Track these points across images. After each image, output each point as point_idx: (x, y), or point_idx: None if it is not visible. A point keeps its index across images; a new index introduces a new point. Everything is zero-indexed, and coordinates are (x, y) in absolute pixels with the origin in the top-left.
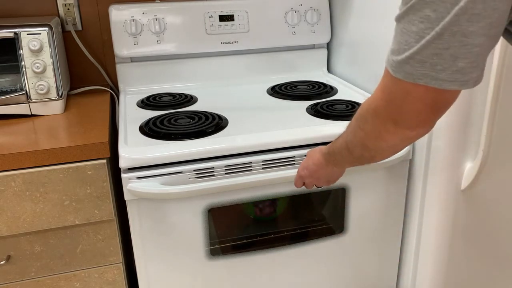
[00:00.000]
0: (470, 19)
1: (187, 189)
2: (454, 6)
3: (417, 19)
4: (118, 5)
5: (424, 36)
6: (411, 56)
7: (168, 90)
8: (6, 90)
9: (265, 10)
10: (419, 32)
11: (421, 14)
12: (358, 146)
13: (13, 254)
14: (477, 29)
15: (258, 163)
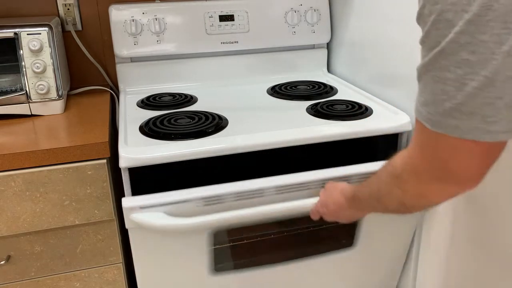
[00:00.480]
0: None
1: (194, 222)
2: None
3: (453, 64)
4: (118, 5)
5: (466, 83)
6: (455, 108)
7: (168, 90)
8: (6, 90)
9: (265, 10)
10: (459, 79)
11: (456, 58)
12: (394, 202)
13: (13, 254)
14: None
15: (270, 189)
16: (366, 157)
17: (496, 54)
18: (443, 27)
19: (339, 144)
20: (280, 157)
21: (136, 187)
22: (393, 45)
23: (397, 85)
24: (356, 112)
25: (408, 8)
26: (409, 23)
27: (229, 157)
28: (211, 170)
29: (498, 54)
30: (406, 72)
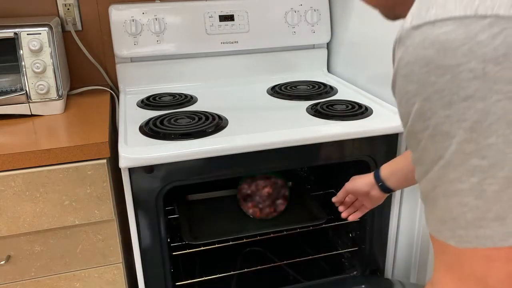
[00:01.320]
0: None
1: None
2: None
3: (463, 174)
4: (118, 5)
5: (485, 189)
6: (481, 217)
7: (168, 90)
8: (6, 90)
9: (265, 10)
10: (476, 187)
11: (466, 167)
12: None
13: (13, 254)
14: None
15: None
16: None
17: (509, 154)
18: (442, 140)
19: (339, 144)
20: (280, 157)
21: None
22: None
23: None
24: (356, 112)
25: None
26: None
27: (229, 157)
28: (211, 170)
29: (510, 153)
30: None
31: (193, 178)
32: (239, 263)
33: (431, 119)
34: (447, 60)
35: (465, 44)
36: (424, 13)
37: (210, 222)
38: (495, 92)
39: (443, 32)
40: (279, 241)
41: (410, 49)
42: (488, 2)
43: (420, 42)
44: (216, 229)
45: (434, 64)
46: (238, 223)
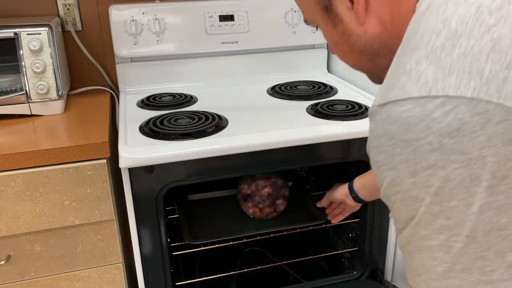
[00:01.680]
0: (497, 212)
1: None
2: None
3: (432, 232)
4: (118, 5)
5: (452, 245)
6: (450, 269)
7: (168, 90)
8: (6, 90)
9: (265, 10)
10: (444, 244)
11: (434, 226)
12: None
13: (13, 254)
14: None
15: None
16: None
17: (469, 215)
18: (412, 203)
19: (339, 144)
20: (280, 157)
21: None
22: None
23: None
24: (356, 112)
25: None
26: None
27: (229, 157)
28: (211, 170)
29: (470, 214)
30: None
31: (193, 178)
32: (239, 263)
33: (400, 185)
34: (409, 134)
35: (422, 121)
36: (387, 93)
37: (210, 222)
38: (452, 162)
39: (403, 110)
40: (279, 241)
41: (379, 124)
42: (439, 84)
43: (385, 118)
44: (216, 229)
45: (398, 138)
46: (238, 223)
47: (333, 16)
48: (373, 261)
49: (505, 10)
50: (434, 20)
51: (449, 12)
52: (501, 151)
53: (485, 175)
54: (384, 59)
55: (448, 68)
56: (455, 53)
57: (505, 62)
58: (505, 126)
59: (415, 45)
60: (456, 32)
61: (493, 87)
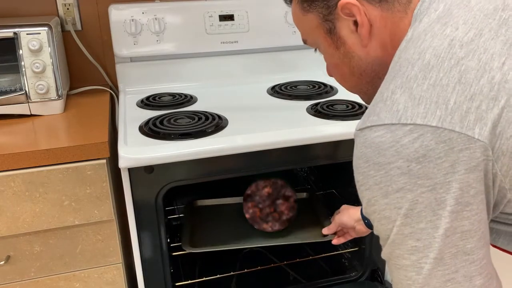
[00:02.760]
0: (463, 237)
1: None
2: (437, 230)
3: (405, 252)
4: (117, 5)
5: (422, 266)
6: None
7: (168, 90)
8: (6, 90)
9: (265, 10)
10: (415, 264)
11: (406, 247)
12: None
13: (13, 254)
14: (475, 243)
15: None
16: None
17: (436, 237)
18: (386, 223)
19: (339, 144)
20: (280, 157)
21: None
22: None
23: None
24: (357, 112)
25: None
26: None
27: (229, 157)
28: (211, 170)
29: (437, 237)
30: None
31: (193, 178)
32: (239, 263)
33: (375, 205)
34: (381, 158)
35: (392, 146)
36: (366, 119)
37: (214, 230)
38: (420, 186)
39: (377, 135)
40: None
41: (358, 147)
42: (409, 112)
43: (363, 142)
44: (218, 237)
45: (372, 161)
46: (243, 232)
47: (336, 38)
48: (373, 262)
49: (475, 44)
50: (412, 51)
51: (426, 44)
52: (463, 178)
53: (449, 200)
54: (383, 79)
55: (418, 98)
56: (426, 84)
57: (469, 94)
58: (467, 154)
59: (394, 75)
60: (428, 64)
61: (457, 117)
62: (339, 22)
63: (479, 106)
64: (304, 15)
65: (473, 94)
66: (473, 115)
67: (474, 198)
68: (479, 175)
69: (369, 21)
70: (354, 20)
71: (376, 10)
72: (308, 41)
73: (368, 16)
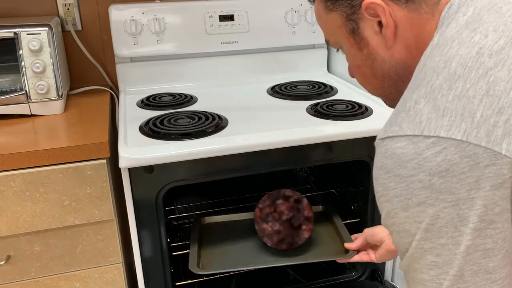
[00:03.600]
0: (485, 255)
1: None
2: (458, 246)
3: (424, 267)
4: (118, 5)
5: (441, 282)
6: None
7: (168, 90)
8: (6, 90)
9: (265, 10)
10: (434, 279)
11: (425, 261)
12: None
13: (13, 254)
14: (498, 262)
15: None
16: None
17: (457, 254)
18: (405, 236)
19: (339, 144)
20: (280, 157)
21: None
22: None
23: None
24: (356, 112)
25: None
26: None
27: (229, 157)
28: (211, 170)
29: (458, 254)
30: None
31: (193, 178)
32: None
33: (395, 217)
34: (402, 170)
35: (414, 158)
36: (388, 128)
37: (222, 249)
38: (441, 201)
39: (398, 146)
40: None
41: (378, 156)
42: (432, 124)
43: (384, 152)
44: (227, 257)
45: (393, 172)
46: (256, 251)
47: (359, 39)
48: (373, 262)
49: (505, 53)
50: (438, 58)
51: (452, 52)
52: (488, 195)
53: (472, 217)
54: (407, 83)
55: (443, 109)
56: (451, 95)
57: (497, 107)
58: (493, 170)
59: (418, 83)
60: (455, 73)
61: (483, 131)
62: (363, 22)
63: (507, 120)
64: (327, 14)
65: (502, 107)
66: (500, 130)
67: (499, 216)
68: (505, 192)
69: (394, 22)
70: (379, 20)
71: (402, 11)
72: (331, 41)
73: (394, 17)
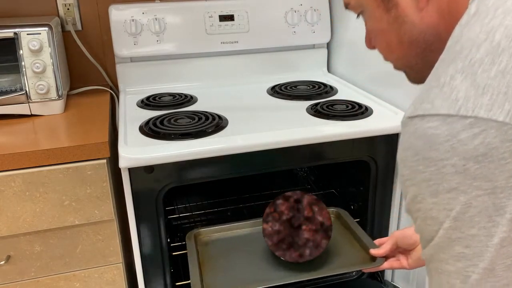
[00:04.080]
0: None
1: None
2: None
3: (450, 258)
4: (118, 5)
5: (469, 275)
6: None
7: (168, 90)
8: (6, 90)
9: (265, 10)
10: (461, 272)
11: (452, 252)
12: None
13: (13, 254)
14: None
15: None
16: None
17: (490, 246)
18: (432, 224)
19: (339, 144)
20: (280, 157)
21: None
22: None
23: (397, 85)
24: (356, 112)
25: None
26: None
27: (229, 157)
28: (211, 170)
29: (491, 246)
30: None
31: (193, 178)
32: None
33: (421, 203)
34: (433, 153)
35: (448, 140)
36: (418, 106)
37: (227, 265)
38: (475, 188)
39: (430, 126)
40: None
41: (406, 136)
42: (470, 103)
43: (413, 132)
44: (234, 275)
45: (422, 155)
46: (264, 265)
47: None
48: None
49: None
50: (478, 29)
51: (496, 22)
52: None
53: (510, 207)
54: (435, 53)
55: (483, 87)
56: (493, 70)
57: None
58: None
59: (454, 57)
60: (498, 46)
61: None
62: None
63: None
64: None
65: None
66: None
67: None
68: None
69: None
70: None
71: None
72: (351, 3)
73: None
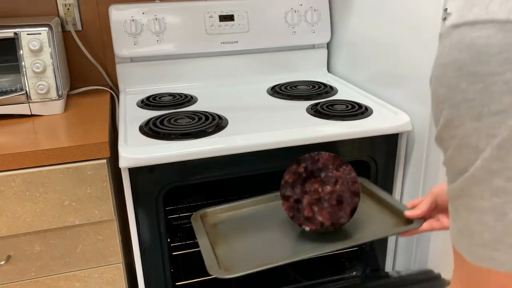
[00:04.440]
0: None
1: None
2: None
3: (487, 192)
4: (118, 5)
5: (506, 213)
6: (497, 239)
7: (168, 90)
8: (6, 90)
9: (265, 10)
10: (497, 208)
11: (490, 186)
12: None
13: (13, 254)
14: None
15: None
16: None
17: None
18: (468, 152)
19: (339, 144)
20: (280, 157)
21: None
22: (393, 45)
23: (396, 85)
24: (356, 112)
25: (408, 7)
26: (408, 22)
27: (229, 157)
28: (211, 170)
29: None
30: (406, 72)
31: (193, 178)
32: None
33: (458, 128)
34: (481, 67)
35: (503, 52)
36: (466, 11)
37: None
38: None
39: (481, 35)
40: None
41: (446, 49)
42: None
43: (456, 43)
44: (254, 252)
45: (467, 69)
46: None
47: None
48: (374, 261)
49: None
50: None
51: None
52: None
53: None
54: None
55: None
56: None
57: None
58: None
59: None
60: None
61: None
62: None
63: None
64: None
65: None
66: None
67: None
68: None
69: None
70: None
71: None
72: None
73: None
